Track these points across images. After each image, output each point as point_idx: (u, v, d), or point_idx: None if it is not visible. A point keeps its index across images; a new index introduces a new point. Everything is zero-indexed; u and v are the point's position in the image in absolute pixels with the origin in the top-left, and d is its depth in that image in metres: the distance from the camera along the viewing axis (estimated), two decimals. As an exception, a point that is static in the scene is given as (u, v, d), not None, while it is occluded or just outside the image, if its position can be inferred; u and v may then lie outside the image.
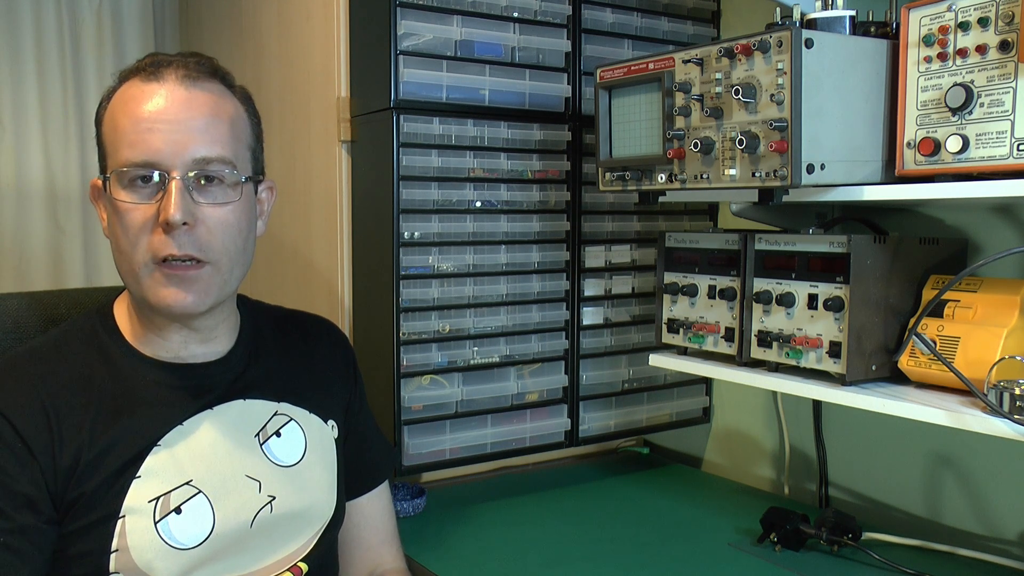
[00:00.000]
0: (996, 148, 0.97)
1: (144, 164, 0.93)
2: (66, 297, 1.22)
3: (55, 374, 0.98)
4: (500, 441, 1.52)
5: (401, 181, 1.38)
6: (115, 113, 0.97)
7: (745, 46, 1.08)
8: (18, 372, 0.98)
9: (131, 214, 0.94)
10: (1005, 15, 0.95)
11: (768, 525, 1.32)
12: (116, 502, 0.94)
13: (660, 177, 1.21)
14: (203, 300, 0.97)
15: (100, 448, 0.95)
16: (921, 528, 1.40)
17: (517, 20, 1.48)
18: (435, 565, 1.26)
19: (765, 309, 1.22)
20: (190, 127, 0.95)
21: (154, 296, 0.95)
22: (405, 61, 1.38)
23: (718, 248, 1.30)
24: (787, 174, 1.04)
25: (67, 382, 0.98)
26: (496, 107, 1.47)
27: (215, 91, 0.99)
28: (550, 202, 1.53)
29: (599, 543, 1.34)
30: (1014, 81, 0.95)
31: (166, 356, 1.02)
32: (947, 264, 1.22)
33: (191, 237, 0.94)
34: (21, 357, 1.01)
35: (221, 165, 0.96)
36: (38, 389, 0.96)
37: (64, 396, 0.97)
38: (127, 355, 1.02)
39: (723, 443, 1.76)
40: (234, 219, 0.98)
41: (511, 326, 1.51)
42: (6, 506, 0.91)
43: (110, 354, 1.01)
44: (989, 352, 1.04)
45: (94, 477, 0.94)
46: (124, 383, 1.00)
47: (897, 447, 1.43)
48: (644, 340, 1.65)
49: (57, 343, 1.02)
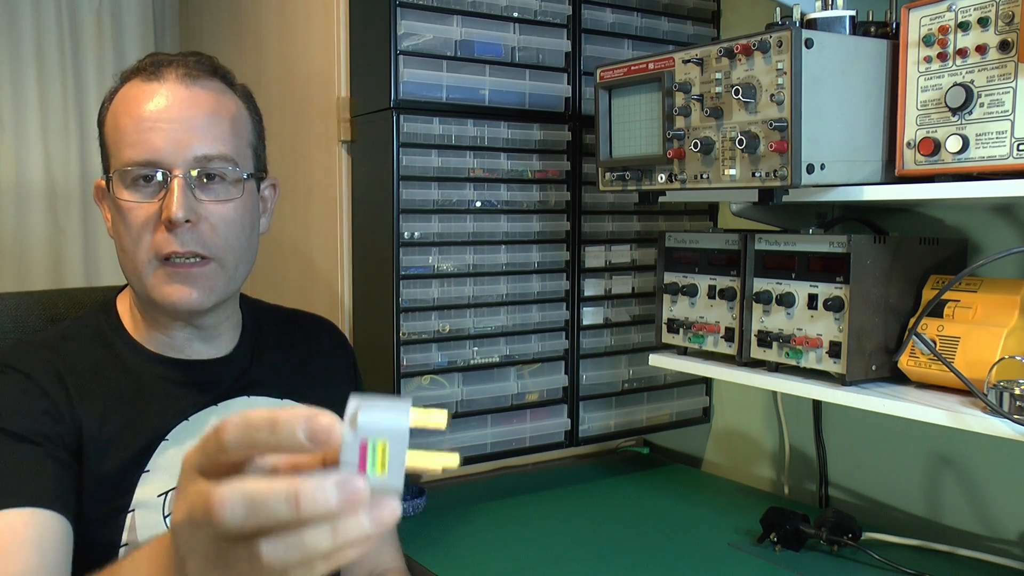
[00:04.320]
0: (996, 148, 0.97)
1: (146, 163, 0.94)
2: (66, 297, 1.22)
3: (66, 358, 0.99)
4: (500, 441, 1.52)
5: (401, 181, 1.39)
6: (117, 113, 0.97)
7: (745, 46, 1.08)
8: (32, 347, 1.00)
9: (134, 213, 0.95)
10: (1005, 15, 0.95)
11: (768, 525, 1.32)
12: (127, 496, 0.95)
13: (660, 177, 1.21)
14: (208, 297, 0.97)
15: (112, 431, 0.96)
16: (921, 528, 1.40)
17: (517, 20, 1.48)
18: (435, 565, 1.26)
19: (765, 309, 1.22)
20: (191, 125, 0.95)
21: (159, 294, 0.96)
22: (405, 61, 1.38)
23: (718, 248, 1.30)
24: (787, 174, 1.04)
25: (78, 367, 0.98)
26: (496, 107, 1.47)
27: (216, 89, 0.99)
28: (550, 202, 1.53)
29: (599, 543, 1.34)
30: (1014, 81, 0.95)
31: (170, 353, 1.03)
32: (947, 264, 1.22)
33: (194, 234, 0.95)
34: (29, 341, 1.02)
35: (223, 162, 0.97)
36: (53, 362, 0.97)
37: (77, 375, 0.98)
38: (133, 351, 1.02)
39: (723, 443, 1.76)
40: (237, 216, 0.99)
41: (511, 326, 1.51)
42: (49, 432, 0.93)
43: (116, 349, 1.02)
44: (989, 352, 1.04)
45: (104, 462, 0.95)
46: (131, 376, 1.00)
47: (897, 447, 1.43)
48: (644, 340, 1.65)
49: (63, 336, 1.02)
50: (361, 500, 0.48)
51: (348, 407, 0.49)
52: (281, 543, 0.48)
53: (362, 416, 0.49)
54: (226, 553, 0.49)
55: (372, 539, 0.49)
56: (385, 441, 0.49)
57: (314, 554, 0.48)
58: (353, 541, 0.48)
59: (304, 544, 0.48)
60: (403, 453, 0.49)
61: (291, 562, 0.48)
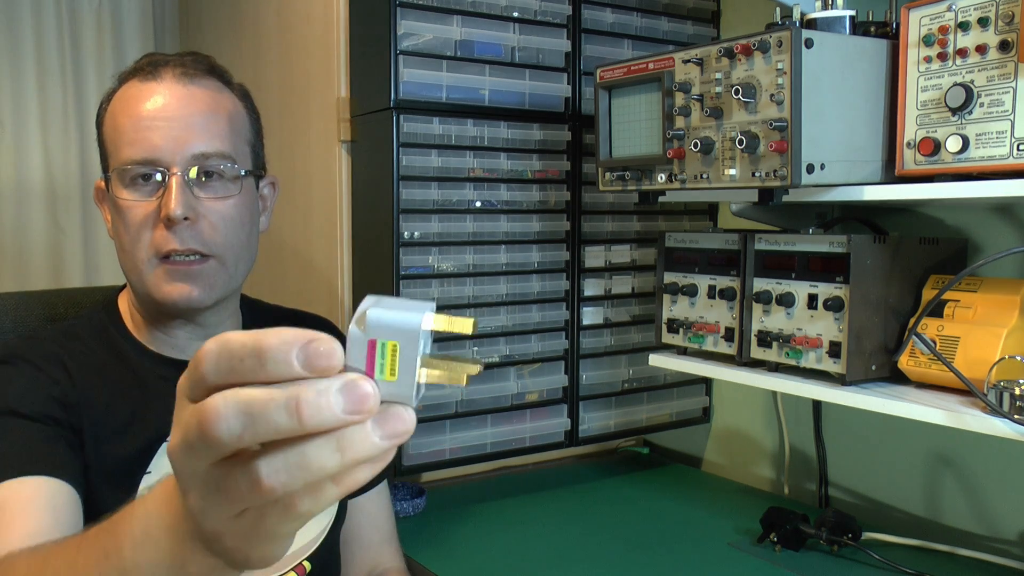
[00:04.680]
0: (996, 148, 0.97)
1: (144, 161, 0.94)
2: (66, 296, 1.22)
3: (71, 353, 0.99)
4: (500, 441, 1.52)
5: (401, 181, 1.38)
6: (115, 113, 0.98)
7: (745, 46, 1.08)
8: (38, 341, 1.00)
9: (133, 211, 0.95)
10: (1005, 15, 0.95)
11: (768, 525, 1.32)
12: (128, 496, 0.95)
13: (660, 177, 1.21)
14: (209, 294, 0.97)
15: (114, 427, 0.96)
16: (921, 528, 1.40)
17: (517, 20, 1.48)
18: (435, 565, 1.26)
19: (765, 309, 1.22)
20: (189, 123, 0.95)
21: (159, 292, 0.96)
22: (405, 61, 1.38)
23: (718, 248, 1.30)
24: (787, 174, 1.04)
25: (82, 363, 0.98)
26: (496, 107, 1.47)
27: (213, 88, 1.00)
28: (550, 202, 1.53)
29: (599, 543, 1.34)
30: (1014, 81, 0.95)
31: (171, 353, 1.03)
32: (947, 264, 1.22)
33: (193, 232, 0.95)
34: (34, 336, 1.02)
35: (220, 160, 0.97)
36: (60, 355, 0.98)
37: (82, 370, 0.98)
38: (135, 350, 1.02)
39: (723, 443, 1.76)
40: (236, 213, 0.99)
41: (511, 326, 1.51)
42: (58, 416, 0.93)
43: (119, 348, 1.02)
44: (989, 352, 1.04)
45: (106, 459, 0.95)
46: (134, 374, 1.01)
47: (897, 447, 1.43)
48: (644, 340, 1.65)
49: (66, 334, 1.02)
50: (370, 406, 0.42)
51: (361, 305, 0.44)
52: (282, 462, 0.42)
53: (372, 313, 0.43)
54: (225, 480, 0.44)
55: (383, 459, 0.43)
56: (396, 343, 0.43)
57: (320, 474, 0.42)
58: (362, 457, 0.43)
59: (308, 462, 0.42)
60: (415, 358, 0.43)
61: (295, 485, 0.42)
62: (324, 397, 0.41)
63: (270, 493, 0.42)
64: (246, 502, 0.44)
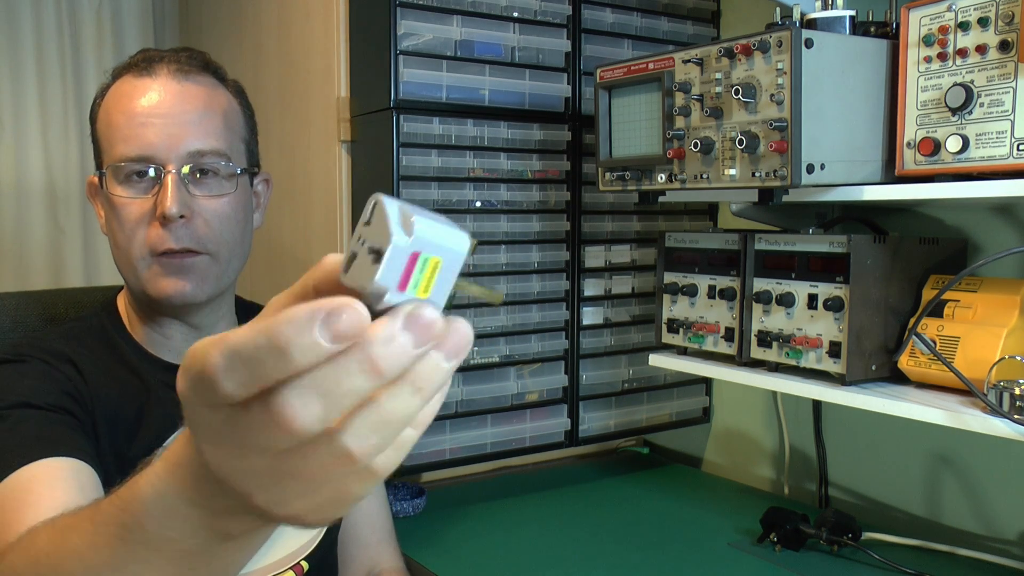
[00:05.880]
0: (996, 148, 0.97)
1: (139, 159, 0.94)
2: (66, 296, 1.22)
3: (76, 352, 0.99)
4: (500, 441, 1.51)
5: (401, 181, 1.38)
6: (109, 109, 0.98)
7: (745, 46, 1.08)
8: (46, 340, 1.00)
9: (127, 208, 0.95)
10: (1005, 15, 0.95)
11: (768, 525, 1.32)
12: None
13: (660, 177, 1.21)
14: (202, 288, 0.97)
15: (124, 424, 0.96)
16: (921, 528, 1.40)
17: (517, 20, 1.48)
18: (435, 565, 1.26)
19: (765, 309, 1.22)
20: (184, 121, 0.95)
21: (153, 288, 0.96)
22: (405, 61, 1.38)
23: (718, 248, 1.30)
24: (787, 174, 1.04)
25: (89, 362, 0.98)
26: (496, 107, 1.47)
27: (207, 84, 1.00)
28: (550, 202, 1.53)
29: (599, 543, 1.34)
30: (1014, 81, 0.95)
31: (169, 357, 1.03)
32: (947, 264, 1.22)
33: (188, 230, 0.95)
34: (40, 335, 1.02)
35: (215, 157, 0.97)
36: (68, 354, 0.97)
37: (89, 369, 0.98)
38: (136, 354, 1.02)
39: (723, 443, 1.76)
40: (231, 211, 0.99)
41: (511, 326, 1.51)
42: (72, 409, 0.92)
43: (121, 351, 1.02)
44: (989, 352, 1.04)
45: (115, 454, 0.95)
46: (139, 377, 1.01)
47: (897, 447, 1.43)
48: (644, 340, 1.64)
49: (68, 336, 1.02)
50: (437, 331, 0.38)
51: (386, 206, 0.39)
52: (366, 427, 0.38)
53: (421, 225, 0.39)
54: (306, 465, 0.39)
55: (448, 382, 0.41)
56: (439, 259, 0.39)
57: (405, 422, 0.39)
58: (437, 387, 0.40)
59: (390, 416, 0.39)
60: (452, 280, 0.40)
61: (385, 444, 0.39)
62: (394, 343, 0.37)
63: (363, 461, 0.39)
64: (336, 479, 0.40)
